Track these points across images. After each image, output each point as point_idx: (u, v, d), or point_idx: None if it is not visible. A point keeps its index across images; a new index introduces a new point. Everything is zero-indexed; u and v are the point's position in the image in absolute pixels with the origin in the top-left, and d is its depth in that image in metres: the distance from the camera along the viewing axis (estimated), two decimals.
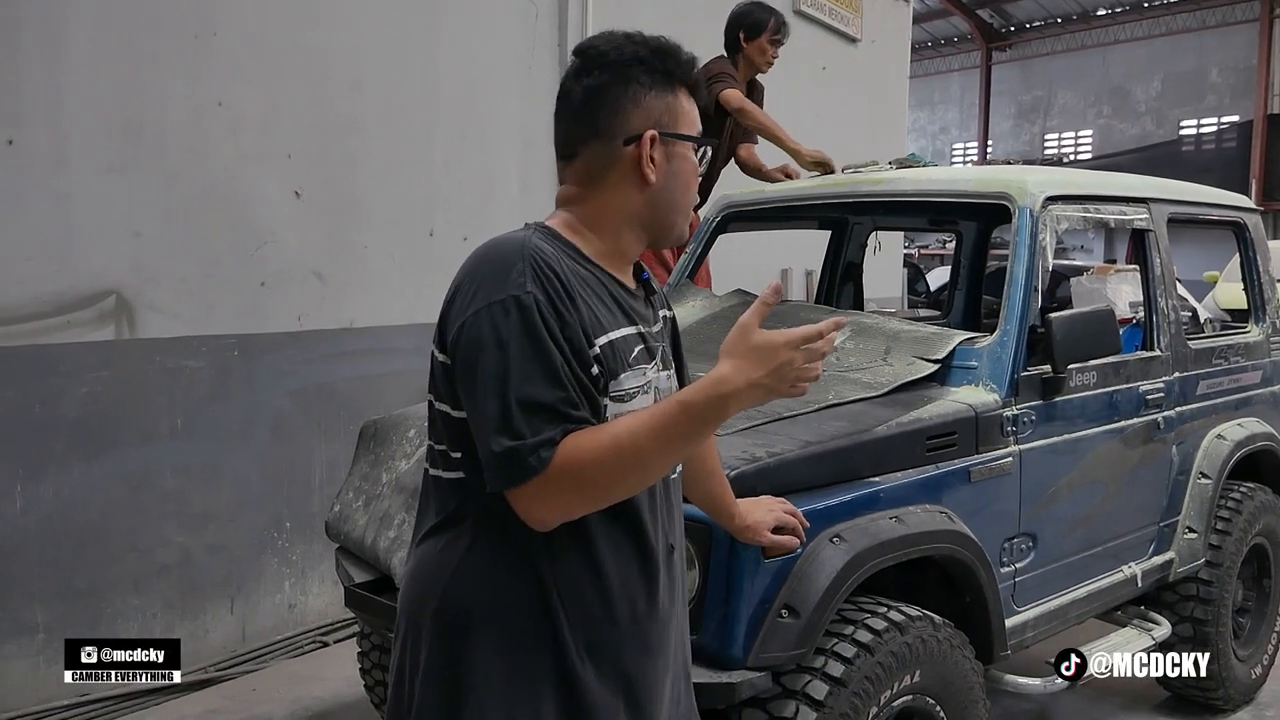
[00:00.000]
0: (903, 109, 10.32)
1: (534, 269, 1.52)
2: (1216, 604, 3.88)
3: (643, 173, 1.65)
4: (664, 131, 1.66)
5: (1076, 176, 3.78)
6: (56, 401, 3.92)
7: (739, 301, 3.93)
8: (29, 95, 3.82)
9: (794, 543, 2.28)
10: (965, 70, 35.11)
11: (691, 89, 1.72)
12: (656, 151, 1.66)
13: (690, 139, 1.70)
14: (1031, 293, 3.16)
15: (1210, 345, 4.07)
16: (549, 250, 1.57)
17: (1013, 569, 3.10)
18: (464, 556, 1.60)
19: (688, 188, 1.72)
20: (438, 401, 1.63)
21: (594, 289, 1.61)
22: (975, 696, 2.71)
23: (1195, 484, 3.89)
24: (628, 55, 1.66)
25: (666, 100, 1.67)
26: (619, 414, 1.57)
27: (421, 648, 1.62)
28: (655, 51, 1.67)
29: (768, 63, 5.01)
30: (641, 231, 1.70)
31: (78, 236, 3.96)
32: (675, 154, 1.68)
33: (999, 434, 3.02)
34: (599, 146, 1.66)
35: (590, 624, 1.60)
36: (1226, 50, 29.15)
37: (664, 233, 1.73)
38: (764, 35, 4.92)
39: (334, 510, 3.31)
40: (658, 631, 1.68)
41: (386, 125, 5.07)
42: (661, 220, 1.71)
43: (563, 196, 1.71)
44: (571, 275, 1.57)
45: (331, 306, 4.86)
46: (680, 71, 1.69)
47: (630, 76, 1.65)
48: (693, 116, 1.71)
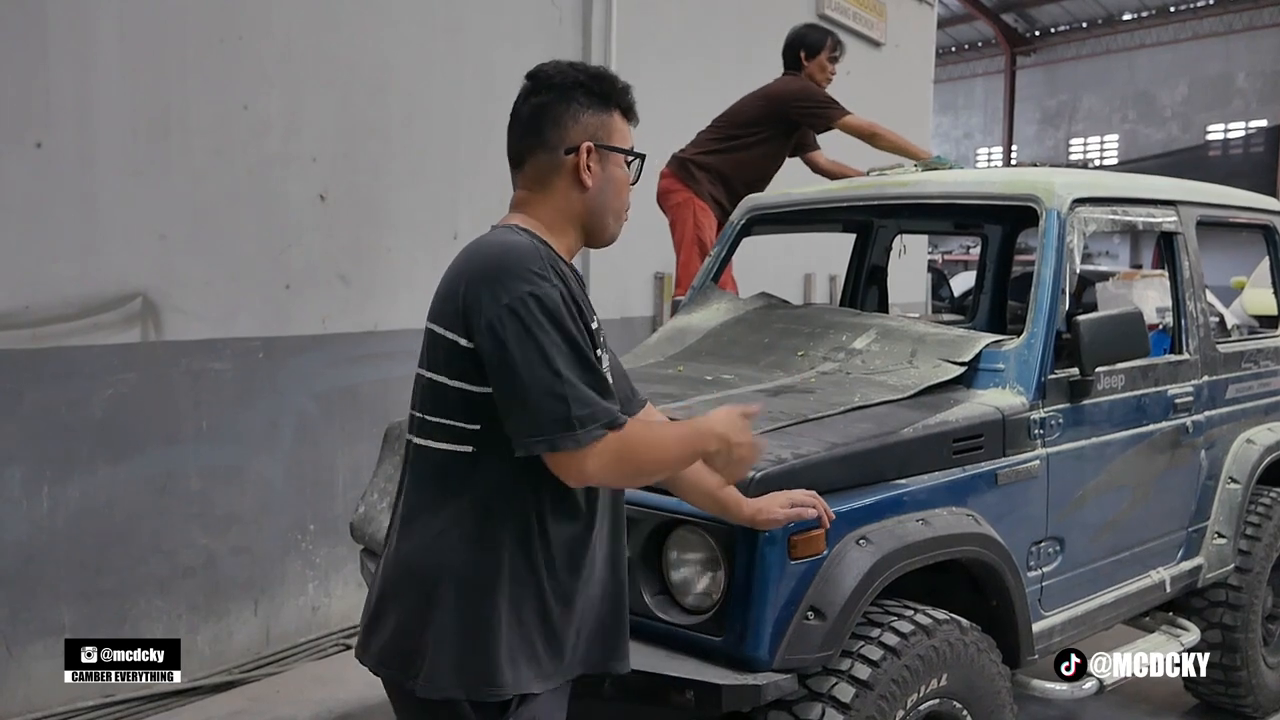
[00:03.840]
0: (927, 113, 10.28)
1: (552, 267, 1.79)
2: (1246, 610, 3.84)
3: (581, 178, 1.92)
4: (599, 144, 1.93)
5: (1104, 178, 3.75)
6: (83, 404, 3.94)
7: (763, 304, 3.92)
8: (57, 99, 3.84)
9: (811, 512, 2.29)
10: (989, 75, 34.93)
11: (625, 111, 1.99)
12: (593, 160, 1.93)
13: (621, 151, 1.97)
14: (1059, 295, 3.14)
15: (1239, 349, 4.03)
16: (547, 250, 1.84)
17: (1040, 573, 3.07)
18: (478, 525, 1.81)
19: (619, 193, 1.98)
20: (451, 379, 1.82)
21: (576, 281, 1.88)
22: (1002, 701, 2.69)
23: (1224, 489, 3.85)
24: (569, 79, 1.94)
25: (602, 118, 1.94)
26: None
27: (435, 609, 1.80)
28: (593, 77, 1.95)
29: (828, 79, 5.29)
30: (580, 230, 1.98)
31: (104, 239, 3.98)
32: (609, 164, 1.95)
33: (1026, 437, 2.99)
34: (544, 156, 1.93)
35: (562, 576, 1.86)
36: (1254, 54, 28.89)
37: (598, 232, 1.99)
38: (823, 54, 5.23)
39: (358, 512, 3.32)
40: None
41: (410, 129, 5.09)
42: (597, 220, 1.97)
43: (516, 199, 1.98)
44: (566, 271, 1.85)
45: (355, 309, 4.88)
46: (615, 94, 1.97)
47: (571, 97, 1.93)
48: (625, 133, 1.99)
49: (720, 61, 6.79)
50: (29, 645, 3.84)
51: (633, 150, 2.00)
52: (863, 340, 3.37)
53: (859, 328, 3.47)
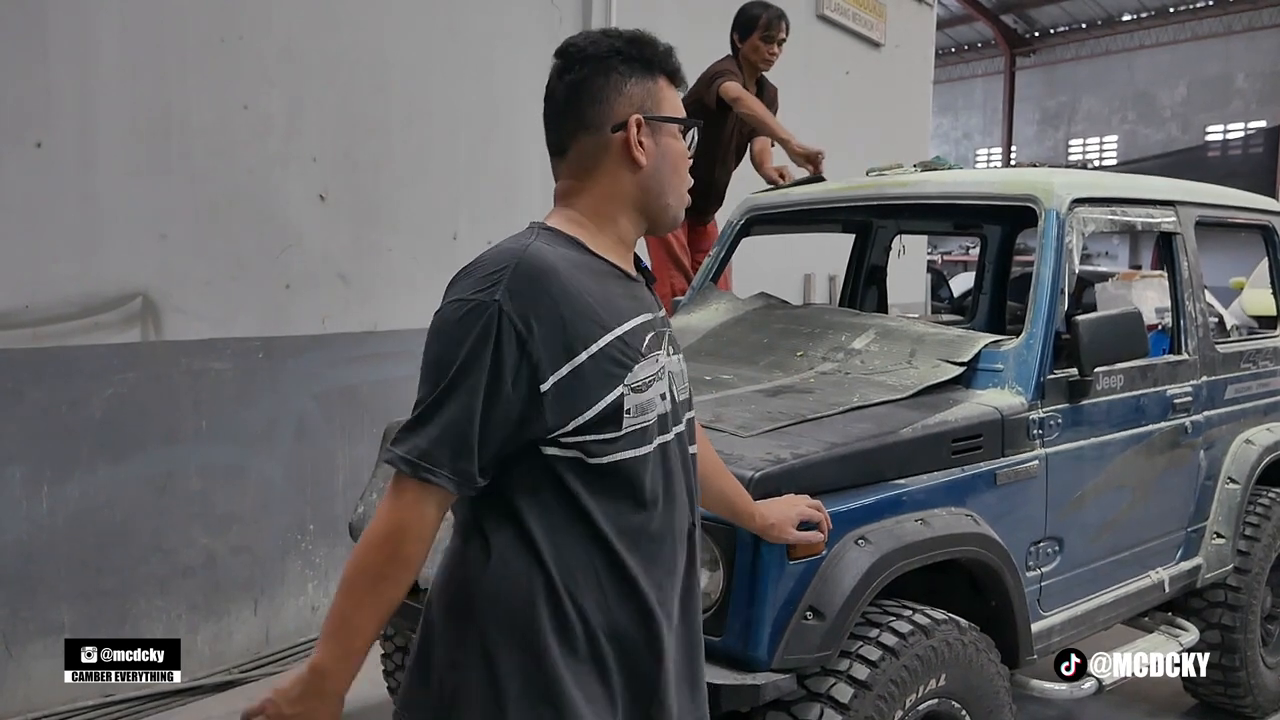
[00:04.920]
0: (926, 114, 10.29)
1: (514, 276, 1.53)
2: (1245, 610, 3.84)
3: (633, 156, 1.69)
4: (648, 115, 1.70)
5: (1104, 179, 3.75)
6: (83, 403, 3.95)
7: (762, 304, 3.92)
8: (57, 99, 3.85)
9: (821, 539, 2.28)
10: (989, 76, 34.92)
11: (671, 76, 1.75)
12: (644, 135, 1.69)
13: (675, 120, 1.74)
14: (1058, 295, 3.14)
15: (1238, 349, 4.04)
16: (547, 256, 1.57)
17: (1038, 573, 3.08)
18: (493, 555, 1.60)
19: (677, 169, 1.75)
20: None
21: (605, 280, 1.65)
22: (1001, 701, 2.69)
23: (1223, 489, 3.85)
24: (604, 48, 1.70)
25: (647, 86, 1.71)
26: (638, 404, 1.60)
27: (463, 644, 1.60)
28: (631, 41, 1.72)
29: (765, 60, 4.92)
30: (638, 215, 1.74)
31: (105, 239, 3.99)
32: (662, 136, 1.72)
33: (1025, 437, 2.99)
34: (587, 138, 1.70)
35: (616, 613, 1.62)
36: (1253, 55, 28.89)
37: (659, 215, 1.75)
38: (756, 33, 4.85)
39: (358, 512, 3.32)
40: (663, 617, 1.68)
41: (410, 129, 5.09)
42: (655, 202, 1.73)
43: (560, 191, 1.75)
44: (572, 276, 1.57)
45: (355, 309, 4.88)
46: (658, 59, 1.73)
47: (610, 67, 1.69)
48: (675, 101, 1.75)
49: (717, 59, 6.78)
50: (29, 645, 3.85)
51: (689, 119, 1.77)
52: (862, 340, 3.38)
53: (858, 328, 3.47)
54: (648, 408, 1.63)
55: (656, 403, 1.65)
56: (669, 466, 1.69)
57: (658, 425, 1.65)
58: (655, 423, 1.65)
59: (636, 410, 1.60)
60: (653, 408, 1.64)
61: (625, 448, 1.60)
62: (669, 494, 1.68)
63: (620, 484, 1.61)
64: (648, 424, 1.63)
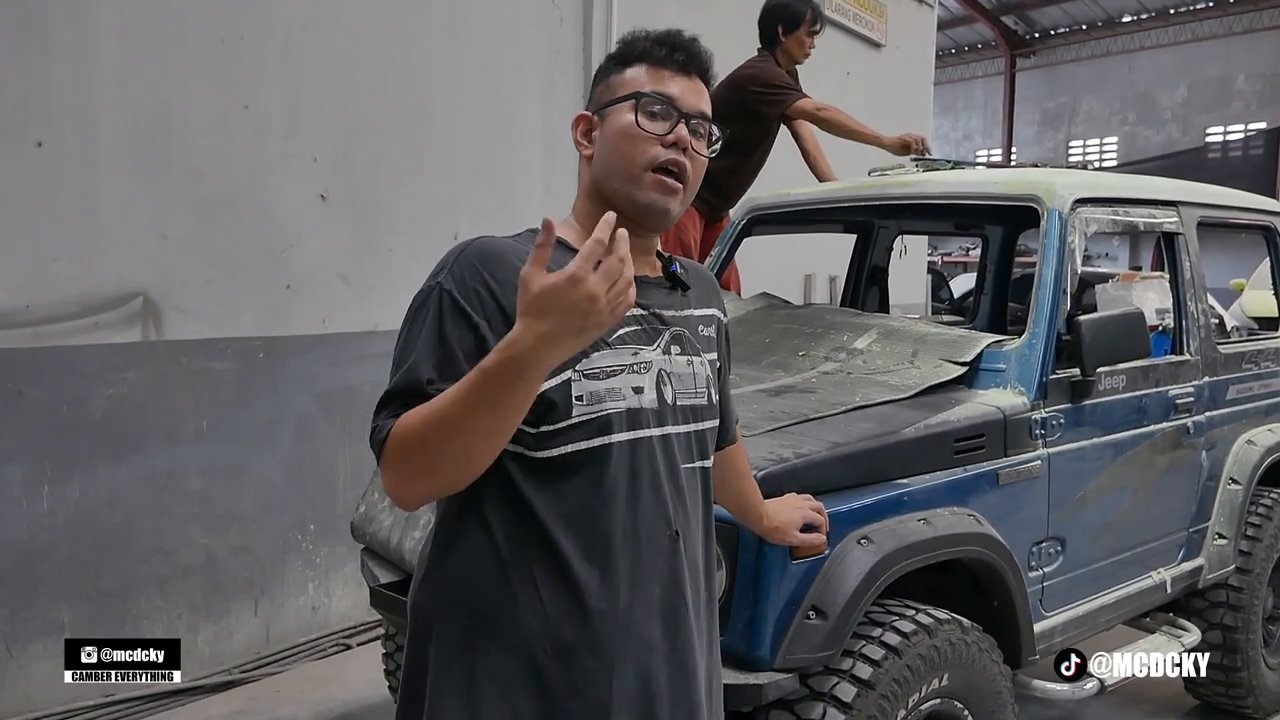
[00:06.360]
0: (927, 115, 10.28)
1: (460, 263, 1.57)
2: (1247, 611, 3.84)
3: (581, 154, 1.72)
4: (598, 108, 1.70)
5: (1106, 179, 3.75)
6: (83, 403, 3.94)
7: (764, 304, 3.92)
8: (58, 98, 3.84)
9: (823, 541, 2.28)
10: (989, 77, 34.93)
11: (650, 60, 1.69)
12: (592, 127, 1.70)
13: (612, 102, 1.68)
14: (1060, 295, 3.14)
15: (1240, 350, 4.03)
16: (505, 246, 1.58)
17: (1041, 573, 3.07)
18: (457, 557, 1.61)
19: (615, 147, 1.66)
20: None
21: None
22: (1003, 701, 2.69)
23: (1225, 490, 3.85)
24: (606, 61, 1.75)
25: (610, 80, 1.70)
26: (591, 391, 1.54)
27: (429, 651, 1.62)
28: (625, 43, 1.72)
29: (805, 54, 4.97)
30: (600, 206, 1.61)
31: (105, 238, 3.98)
32: (604, 121, 1.68)
33: (1027, 437, 2.99)
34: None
35: (556, 620, 1.55)
36: (1254, 56, 28.90)
37: (618, 202, 1.64)
38: (802, 28, 4.86)
39: (359, 511, 3.32)
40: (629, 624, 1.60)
41: (411, 129, 5.09)
42: (605, 187, 1.67)
43: None
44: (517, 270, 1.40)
45: (356, 309, 4.88)
46: (635, 52, 1.70)
47: (595, 81, 1.74)
48: (637, 80, 1.68)
49: (721, 62, 6.76)
50: (29, 645, 3.84)
51: (634, 94, 1.66)
52: (864, 340, 3.37)
53: (860, 328, 3.47)
54: (606, 397, 1.55)
55: (626, 394, 1.58)
56: (637, 465, 1.59)
57: (626, 419, 1.57)
58: (622, 415, 1.57)
59: (590, 398, 1.54)
60: (616, 398, 1.56)
61: (578, 438, 1.54)
62: (633, 494, 1.59)
63: (574, 478, 1.56)
64: (604, 413, 1.55)
